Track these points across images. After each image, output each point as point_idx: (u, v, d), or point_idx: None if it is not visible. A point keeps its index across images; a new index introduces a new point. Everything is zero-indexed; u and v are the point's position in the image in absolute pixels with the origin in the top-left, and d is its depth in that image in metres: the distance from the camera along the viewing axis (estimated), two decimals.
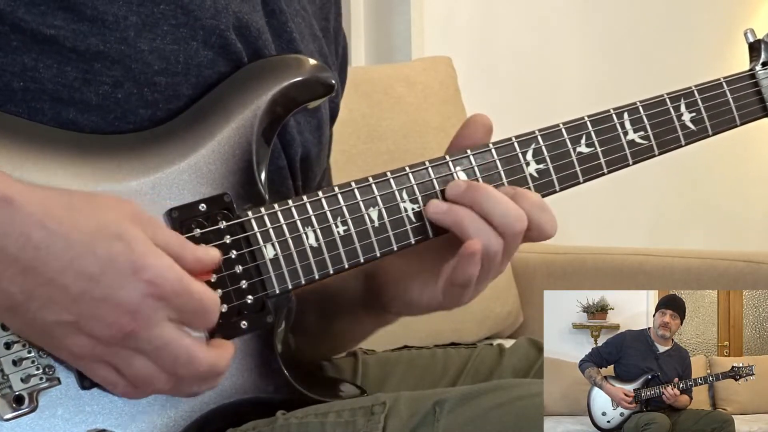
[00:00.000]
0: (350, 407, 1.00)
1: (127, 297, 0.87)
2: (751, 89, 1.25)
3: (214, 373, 0.93)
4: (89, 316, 0.87)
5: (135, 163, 0.99)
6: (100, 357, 0.90)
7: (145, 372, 0.90)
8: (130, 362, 0.90)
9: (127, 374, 0.91)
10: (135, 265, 0.87)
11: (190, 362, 0.90)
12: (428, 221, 1.07)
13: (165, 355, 0.90)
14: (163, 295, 0.88)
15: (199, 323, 0.92)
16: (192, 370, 0.91)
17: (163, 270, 0.88)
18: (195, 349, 0.91)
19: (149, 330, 0.88)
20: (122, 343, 0.89)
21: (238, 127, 1.03)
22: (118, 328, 0.88)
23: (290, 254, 1.02)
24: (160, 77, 1.02)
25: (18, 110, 0.98)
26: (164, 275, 0.88)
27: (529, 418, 0.94)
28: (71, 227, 0.87)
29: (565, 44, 3.11)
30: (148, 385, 0.92)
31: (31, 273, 0.86)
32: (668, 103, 1.19)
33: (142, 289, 0.87)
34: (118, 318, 0.87)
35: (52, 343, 0.90)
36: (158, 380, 0.91)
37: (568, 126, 1.14)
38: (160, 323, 0.89)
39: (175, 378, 0.91)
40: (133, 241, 0.88)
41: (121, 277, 0.87)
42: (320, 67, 1.09)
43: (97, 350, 0.89)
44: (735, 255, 2.26)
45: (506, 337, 2.43)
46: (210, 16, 1.05)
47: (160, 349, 0.89)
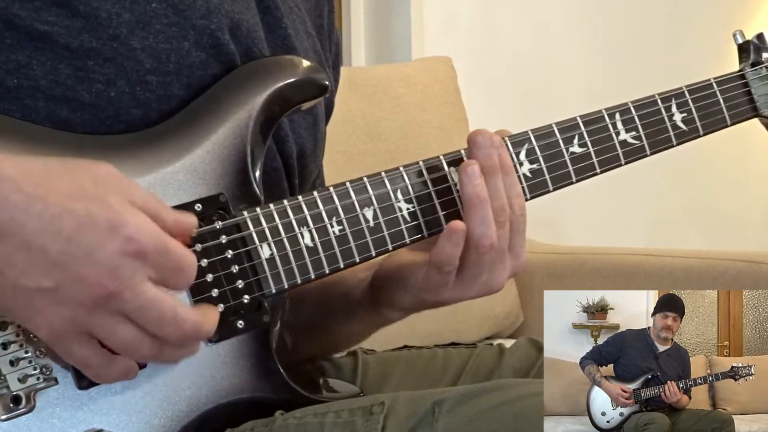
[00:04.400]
0: (349, 407, 1.00)
1: (107, 255, 0.86)
2: (740, 89, 1.26)
3: (198, 333, 0.91)
4: (70, 279, 0.86)
5: (130, 164, 0.99)
6: (81, 327, 0.88)
7: (129, 337, 0.89)
8: (113, 328, 0.88)
9: (110, 343, 0.89)
10: (112, 222, 0.86)
11: (175, 320, 0.89)
12: (422, 220, 1.07)
13: (149, 314, 0.88)
14: (142, 251, 0.87)
15: (178, 282, 0.90)
16: (177, 329, 0.89)
17: (141, 227, 0.87)
18: (179, 307, 0.89)
19: (132, 288, 0.87)
20: (105, 306, 0.87)
21: (233, 127, 1.03)
22: (101, 288, 0.86)
23: (286, 254, 1.02)
24: (151, 76, 1.02)
25: (12, 108, 0.98)
26: (142, 232, 0.87)
27: (528, 418, 0.94)
28: (48, 189, 0.86)
29: (565, 44, 3.11)
30: (132, 352, 0.90)
31: (9, 237, 0.85)
32: (659, 104, 1.20)
33: (120, 246, 0.86)
34: (99, 278, 0.86)
35: (32, 317, 0.88)
36: (143, 344, 0.89)
37: (561, 126, 1.15)
38: (142, 281, 0.87)
39: (160, 341, 0.90)
40: (110, 200, 0.87)
41: (100, 235, 0.86)
42: (315, 68, 1.09)
43: (78, 319, 0.87)
44: (735, 255, 2.26)
45: (506, 337, 2.43)
46: (201, 16, 1.05)
47: (144, 307, 0.88)
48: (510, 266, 1.09)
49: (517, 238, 1.09)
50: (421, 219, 1.08)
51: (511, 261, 1.09)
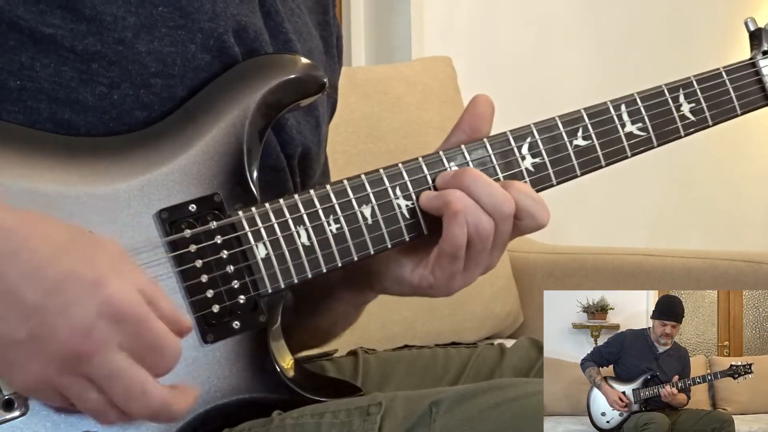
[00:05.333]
0: (346, 407, 1.00)
1: (82, 313, 0.84)
2: (752, 78, 1.25)
3: (167, 413, 0.89)
4: (44, 333, 0.84)
5: (124, 165, 0.99)
6: (52, 385, 0.87)
7: (96, 404, 0.87)
8: (81, 394, 0.87)
9: (78, 406, 0.88)
10: (95, 281, 0.85)
11: (143, 396, 0.87)
12: (422, 216, 1.07)
13: (116, 386, 0.86)
14: (119, 316, 0.85)
15: (156, 363, 0.88)
16: (144, 406, 0.87)
17: (123, 291, 0.85)
18: (149, 383, 0.87)
19: (102, 354, 0.85)
20: (74, 368, 0.85)
21: (228, 126, 1.03)
22: (71, 346, 0.84)
23: (282, 253, 1.01)
24: (156, 79, 1.01)
25: (15, 109, 0.98)
26: (123, 296, 0.85)
27: (526, 417, 0.94)
28: (40, 241, 0.85)
29: (565, 44, 3.11)
30: (99, 418, 0.89)
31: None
32: (666, 94, 1.18)
33: (98, 307, 0.85)
34: (71, 336, 0.84)
35: (8, 370, 0.87)
36: (109, 414, 0.88)
37: (565, 119, 1.13)
38: (113, 349, 0.85)
39: (127, 414, 0.88)
40: (100, 261, 0.86)
41: (80, 291, 0.84)
42: (311, 65, 1.09)
43: (49, 377, 0.86)
44: (735, 255, 2.26)
45: (506, 337, 2.43)
46: (208, 19, 1.05)
47: (111, 378, 0.86)
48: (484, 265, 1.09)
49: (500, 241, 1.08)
50: (421, 216, 1.07)
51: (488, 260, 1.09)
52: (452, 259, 1.06)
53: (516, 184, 1.07)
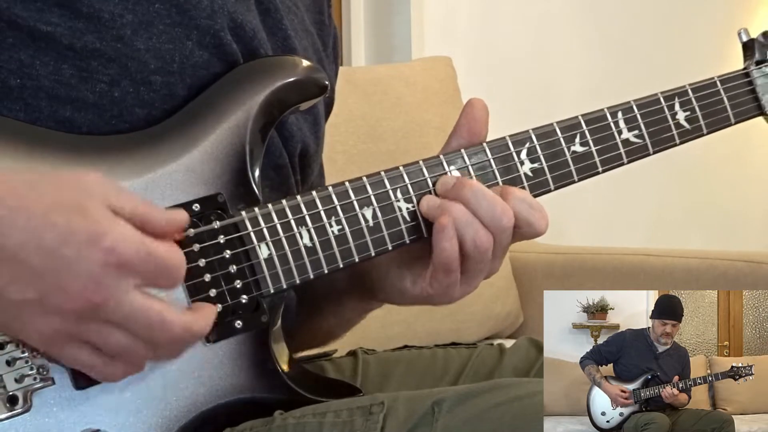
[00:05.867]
0: (348, 407, 1.00)
1: (88, 267, 0.86)
2: (745, 88, 1.26)
3: (190, 334, 0.91)
4: (53, 291, 0.86)
5: (127, 164, 0.99)
6: (72, 335, 0.88)
7: (121, 344, 0.89)
8: (104, 336, 0.88)
9: (104, 349, 0.89)
10: (93, 234, 0.86)
11: (163, 326, 0.89)
12: (422, 219, 1.07)
13: (137, 323, 0.88)
14: (124, 262, 0.87)
15: (166, 283, 0.90)
16: (166, 334, 0.89)
17: (122, 236, 0.87)
18: (167, 313, 0.89)
19: (115, 299, 0.87)
20: (92, 317, 0.87)
21: (231, 127, 1.03)
22: (84, 300, 0.86)
23: (284, 254, 1.02)
24: (155, 76, 1.02)
25: (15, 107, 0.98)
26: (123, 241, 0.87)
27: (527, 417, 0.94)
28: (32, 202, 0.86)
29: (565, 44, 3.11)
30: (128, 357, 0.90)
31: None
32: (662, 102, 1.19)
33: (101, 258, 0.86)
34: (82, 290, 0.86)
35: (23, 328, 0.89)
36: (137, 350, 0.89)
37: (562, 125, 1.14)
38: (126, 291, 0.87)
39: (153, 345, 0.90)
40: (91, 210, 0.87)
41: (80, 247, 0.86)
42: (314, 67, 1.09)
43: (67, 328, 0.88)
44: (735, 255, 2.26)
45: (506, 337, 2.43)
46: (205, 17, 1.05)
47: (130, 317, 0.88)
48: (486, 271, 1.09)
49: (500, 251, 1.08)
50: (421, 218, 1.07)
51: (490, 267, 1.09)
52: (446, 273, 1.06)
53: (514, 192, 1.07)
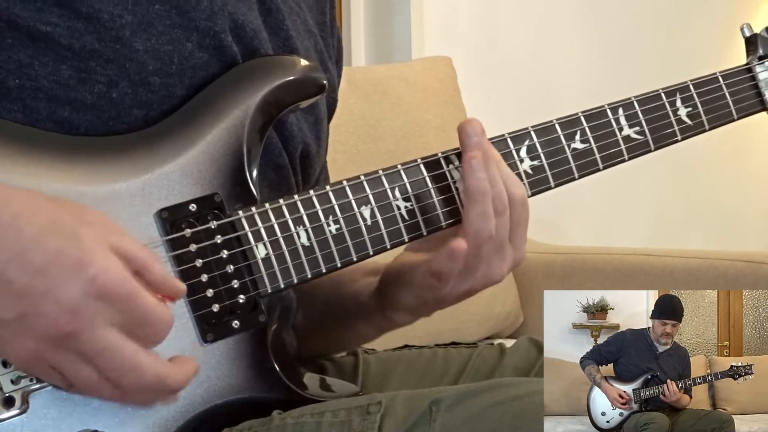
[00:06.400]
0: (346, 407, 1.00)
1: (68, 294, 0.85)
2: (747, 83, 1.26)
3: (162, 386, 0.90)
4: (32, 314, 0.85)
5: (125, 165, 0.99)
6: (46, 361, 0.87)
7: (89, 380, 0.88)
8: (74, 368, 0.87)
9: (73, 381, 0.89)
10: (79, 261, 0.85)
11: (134, 370, 0.87)
12: (421, 219, 1.07)
13: (107, 362, 0.87)
14: (105, 294, 0.86)
15: (147, 336, 0.88)
16: (135, 380, 0.88)
17: (106, 268, 0.86)
18: (141, 358, 0.88)
19: (90, 331, 0.86)
20: (65, 345, 0.86)
21: (229, 127, 1.03)
22: (59, 326, 0.85)
23: (282, 253, 1.01)
24: (154, 77, 1.01)
25: (13, 108, 0.98)
26: (106, 273, 0.86)
27: (526, 416, 0.93)
28: (25, 221, 0.86)
29: (565, 44, 3.11)
30: (94, 393, 0.89)
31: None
32: (664, 98, 1.19)
33: (83, 287, 0.85)
34: (59, 316, 0.85)
35: (2, 346, 0.88)
36: (102, 389, 0.89)
37: (562, 122, 1.14)
38: (101, 325, 0.86)
39: (120, 388, 0.89)
40: (85, 239, 0.86)
41: (65, 272, 0.85)
42: (312, 66, 1.09)
43: (42, 353, 0.87)
44: (735, 255, 2.26)
45: (506, 337, 2.43)
46: (205, 18, 1.04)
47: (102, 354, 0.86)
48: (510, 258, 1.09)
49: (519, 230, 1.09)
50: (420, 217, 1.07)
51: (512, 253, 1.09)
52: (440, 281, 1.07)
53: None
